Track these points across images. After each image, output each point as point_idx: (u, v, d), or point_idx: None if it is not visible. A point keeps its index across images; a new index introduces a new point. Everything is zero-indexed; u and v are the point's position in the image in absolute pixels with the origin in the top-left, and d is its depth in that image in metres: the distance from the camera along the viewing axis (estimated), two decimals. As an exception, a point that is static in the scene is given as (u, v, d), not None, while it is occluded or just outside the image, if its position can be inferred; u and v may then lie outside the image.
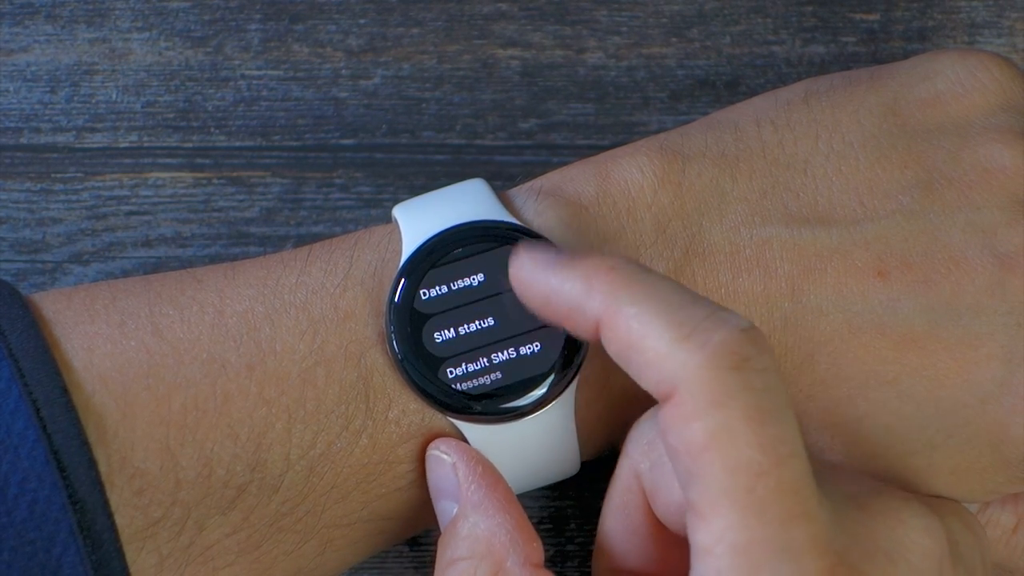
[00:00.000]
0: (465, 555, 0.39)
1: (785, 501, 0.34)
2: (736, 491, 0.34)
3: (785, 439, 0.35)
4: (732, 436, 0.34)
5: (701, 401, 0.35)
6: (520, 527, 0.39)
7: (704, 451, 0.34)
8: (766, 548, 0.34)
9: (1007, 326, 0.41)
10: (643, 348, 0.36)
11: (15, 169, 0.51)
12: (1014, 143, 0.42)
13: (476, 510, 0.39)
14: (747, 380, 0.35)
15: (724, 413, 0.34)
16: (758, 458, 0.34)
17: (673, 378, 0.35)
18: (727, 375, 0.35)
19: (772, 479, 0.34)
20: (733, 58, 0.52)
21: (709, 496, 0.34)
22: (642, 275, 0.37)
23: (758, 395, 0.35)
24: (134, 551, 0.38)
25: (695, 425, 0.35)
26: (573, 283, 0.37)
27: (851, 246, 0.41)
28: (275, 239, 0.50)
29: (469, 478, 0.40)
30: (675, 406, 0.35)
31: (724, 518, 0.34)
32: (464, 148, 0.51)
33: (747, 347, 0.35)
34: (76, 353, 0.39)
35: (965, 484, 0.42)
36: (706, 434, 0.34)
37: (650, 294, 0.36)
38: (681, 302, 0.36)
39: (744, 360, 0.35)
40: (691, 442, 0.35)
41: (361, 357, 0.40)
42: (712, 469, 0.34)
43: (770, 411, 0.35)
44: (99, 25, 0.52)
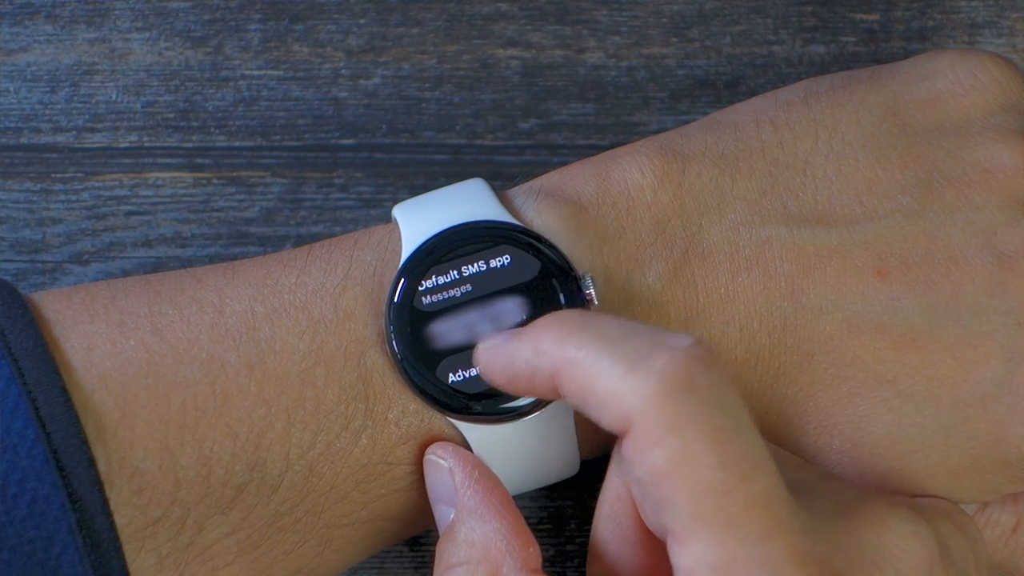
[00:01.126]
0: (462, 560, 0.39)
1: (757, 515, 0.34)
2: (706, 513, 0.34)
3: (746, 454, 0.35)
4: (692, 459, 0.34)
5: (657, 429, 0.35)
6: (516, 532, 0.39)
7: (667, 478, 0.34)
8: (745, 565, 0.34)
9: (1007, 325, 0.41)
10: (595, 389, 0.36)
11: (15, 169, 0.51)
12: (1014, 143, 0.42)
13: (472, 515, 0.39)
14: (699, 400, 0.35)
15: (681, 437, 0.34)
16: (720, 477, 0.34)
17: (626, 412, 0.35)
18: (677, 398, 0.35)
19: (740, 495, 0.34)
20: (733, 58, 0.52)
21: (682, 521, 0.34)
22: (585, 319, 0.37)
23: (711, 413, 0.35)
24: (133, 550, 0.38)
25: (655, 453, 0.35)
26: (524, 348, 0.38)
27: (851, 246, 0.41)
28: (275, 239, 0.50)
29: (465, 483, 0.40)
30: (633, 438, 0.35)
31: (700, 541, 0.34)
32: (464, 148, 0.51)
33: (691, 366, 0.35)
34: (75, 352, 0.39)
35: (964, 483, 0.42)
36: (667, 461, 0.34)
37: (594, 335, 0.36)
38: (623, 335, 0.36)
39: (690, 380, 0.35)
40: (654, 471, 0.35)
41: (361, 357, 0.40)
42: (679, 495, 0.34)
43: (726, 428, 0.35)
44: (99, 25, 0.52)
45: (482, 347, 0.39)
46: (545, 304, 0.41)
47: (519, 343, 0.38)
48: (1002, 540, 0.44)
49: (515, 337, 0.38)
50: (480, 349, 0.39)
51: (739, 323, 0.41)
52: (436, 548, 0.40)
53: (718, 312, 0.41)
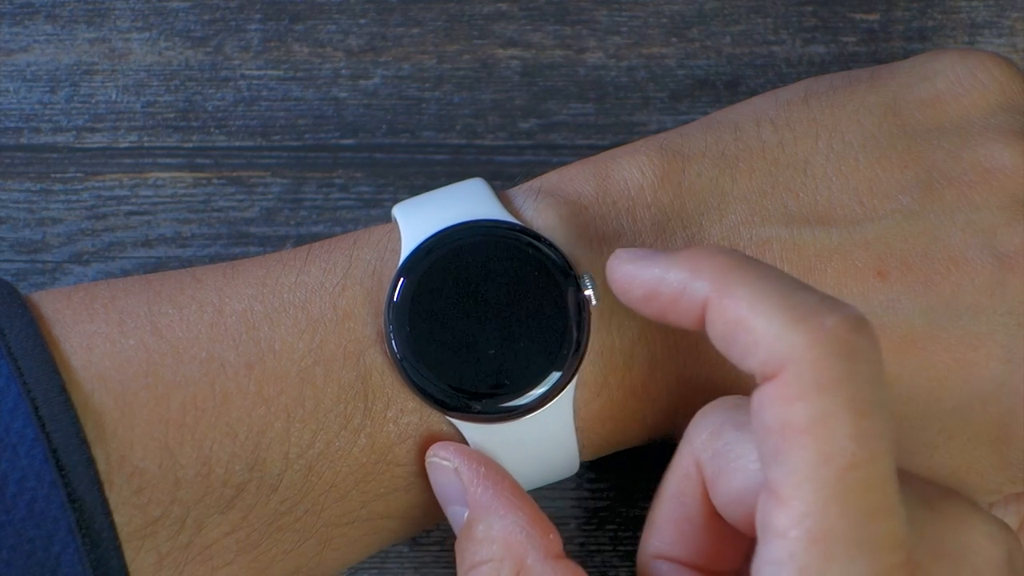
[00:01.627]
0: (485, 558, 0.39)
1: (871, 495, 0.34)
2: (825, 479, 0.34)
3: (882, 434, 0.34)
4: (832, 423, 0.34)
5: (807, 383, 0.34)
6: (534, 521, 0.39)
7: (800, 434, 0.34)
8: (843, 539, 0.34)
9: (1007, 326, 0.41)
10: (752, 328, 0.36)
11: (15, 169, 0.51)
12: (1014, 143, 0.42)
13: (487, 512, 0.39)
14: (854, 369, 0.35)
15: (828, 399, 0.34)
16: (852, 449, 0.34)
17: (781, 358, 0.35)
18: (836, 361, 0.34)
19: (862, 472, 0.34)
20: (733, 58, 0.52)
21: (794, 479, 0.34)
22: (749, 260, 0.37)
23: (863, 386, 0.35)
24: (133, 550, 0.38)
25: (797, 406, 0.34)
26: (678, 270, 0.37)
27: (851, 246, 0.41)
28: (275, 239, 0.50)
29: (474, 481, 0.39)
30: (779, 385, 0.35)
31: (806, 503, 0.34)
32: (464, 148, 0.51)
33: (859, 337, 0.35)
34: (75, 352, 0.39)
35: (966, 484, 0.42)
36: (807, 417, 0.34)
37: (760, 277, 0.36)
38: (793, 287, 0.36)
39: (855, 349, 0.35)
40: (789, 423, 0.34)
41: (360, 356, 0.40)
42: (804, 453, 0.34)
43: (872, 404, 0.34)
44: (99, 25, 0.52)
45: (625, 256, 0.39)
46: (545, 304, 0.41)
47: (672, 261, 0.38)
48: (1007, 541, 0.44)
49: (667, 255, 0.38)
50: (622, 258, 0.39)
51: (739, 323, 0.41)
52: (455, 548, 0.40)
53: (718, 312, 0.41)
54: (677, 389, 0.42)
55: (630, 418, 0.42)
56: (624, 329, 0.41)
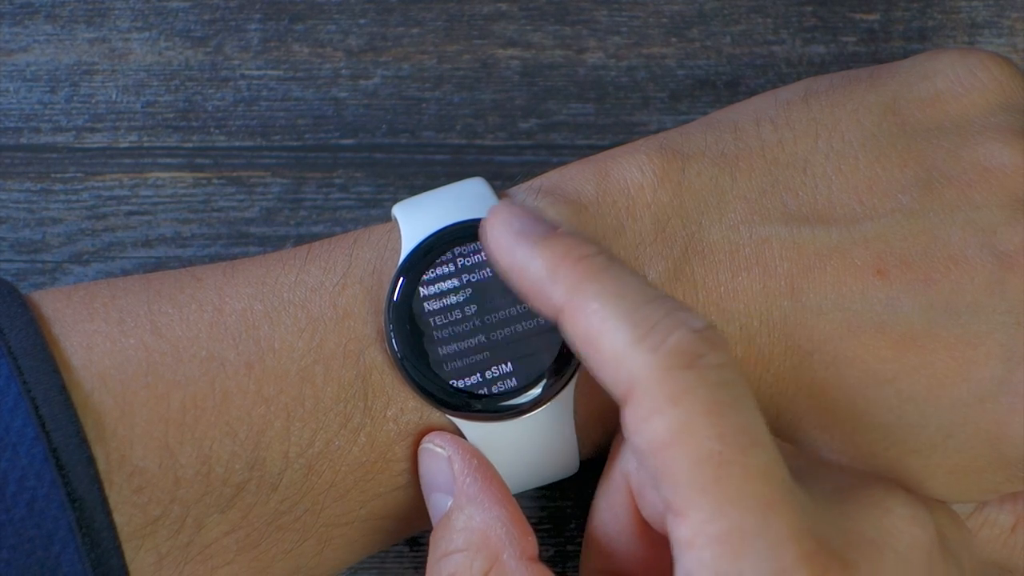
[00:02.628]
0: (460, 547, 0.39)
1: (755, 488, 0.34)
2: (705, 483, 0.34)
3: (746, 429, 0.35)
4: (692, 430, 0.35)
5: (658, 399, 0.35)
6: (516, 521, 0.39)
7: (667, 447, 0.35)
8: (743, 534, 0.34)
9: (1006, 325, 0.41)
10: (601, 347, 0.36)
11: (15, 169, 0.51)
12: (1014, 142, 0.42)
13: (472, 503, 0.39)
14: (702, 376, 0.35)
15: (682, 409, 0.35)
16: (719, 448, 0.34)
17: (631, 378, 0.35)
18: (680, 374, 0.35)
19: (737, 467, 0.34)
20: (733, 58, 0.52)
21: (680, 492, 0.35)
22: (608, 268, 0.37)
23: (714, 389, 0.35)
24: (133, 549, 0.38)
25: (655, 422, 0.35)
26: (539, 264, 0.37)
27: (850, 245, 0.41)
28: (275, 239, 0.50)
29: (465, 471, 0.40)
30: (634, 407, 0.35)
31: (699, 511, 0.34)
32: (464, 148, 0.51)
33: (700, 346, 0.35)
34: (75, 351, 0.39)
35: (964, 483, 0.42)
36: (667, 430, 0.35)
37: (613, 290, 0.36)
38: (642, 300, 0.36)
39: (696, 357, 0.35)
40: (653, 440, 0.35)
41: (360, 355, 0.40)
42: (678, 464, 0.35)
43: (727, 403, 0.35)
44: (99, 25, 0.52)
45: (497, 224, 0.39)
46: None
47: (535, 254, 0.38)
48: (1001, 539, 0.44)
49: (532, 243, 0.38)
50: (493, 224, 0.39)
51: (739, 322, 0.41)
52: (431, 538, 0.40)
53: (717, 311, 0.41)
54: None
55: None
56: (624, 328, 0.41)
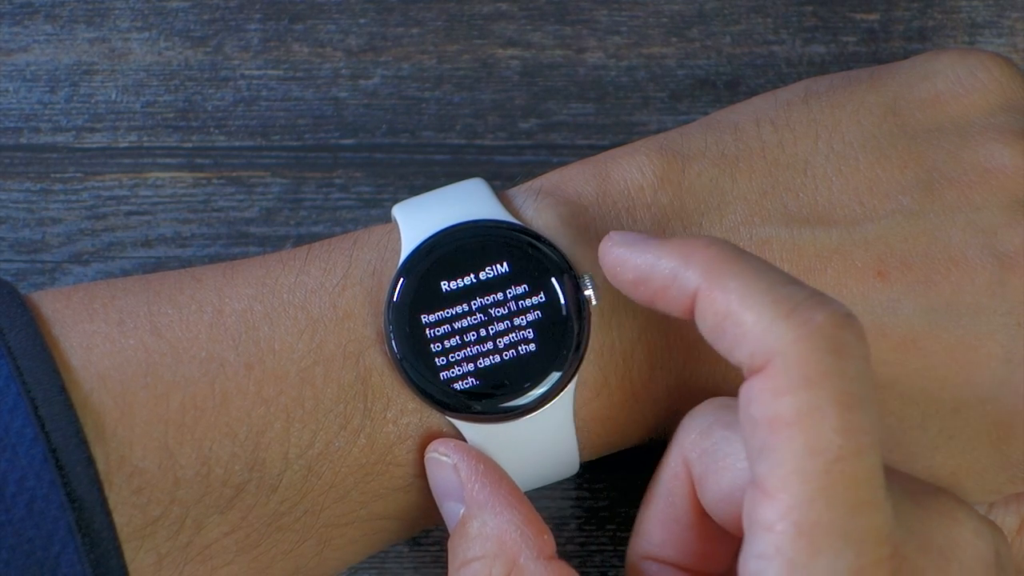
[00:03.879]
0: (478, 555, 0.39)
1: (856, 489, 0.34)
2: (811, 472, 0.34)
3: (868, 429, 0.35)
4: (819, 417, 0.34)
5: (794, 377, 0.35)
6: (529, 521, 0.39)
7: (787, 427, 0.34)
8: (829, 532, 0.34)
9: (1007, 326, 0.41)
10: (742, 320, 0.36)
11: (15, 169, 0.51)
12: (1014, 143, 0.42)
13: (483, 509, 0.39)
14: (842, 365, 0.35)
15: (815, 393, 0.34)
16: (839, 442, 0.34)
17: (769, 351, 0.35)
18: (824, 356, 0.35)
19: (848, 465, 0.34)
20: (733, 58, 0.52)
21: (780, 473, 0.34)
22: (741, 253, 0.37)
23: (850, 381, 0.35)
24: (132, 549, 0.38)
25: (785, 399, 0.35)
26: (670, 258, 0.38)
27: (851, 246, 0.41)
28: (275, 239, 0.50)
29: (472, 477, 0.40)
30: (767, 378, 0.35)
31: (792, 496, 0.34)
32: (464, 148, 0.51)
33: (847, 333, 0.35)
34: (75, 352, 0.39)
35: (966, 484, 0.42)
36: (794, 410, 0.34)
37: (750, 270, 0.36)
38: (783, 280, 0.36)
39: (842, 345, 0.35)
40: (776, 416, 0.35)
41: (360, 356, 0.40)
42: (791, 446, 0.34)
43: (858, 398, 0.35)
44: (99, 25, 0.52)
45: (618, 239, 0.39)
46: (544, 304, 0.41)
47: (664, 249, 0.38)
48: (1007, 541, 0.44)
49: (660, 242, 0.38)
50: (615, 241, 0.39)
51: (739, 323, 0.41)
52: (448, 546, 0.40)
53: (718, 312, 0.41)
54: (677, 389, 0.42)
55: (630, 418, 0.42)
56: (624, 329, 0.41)
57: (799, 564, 0.34)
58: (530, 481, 0.42)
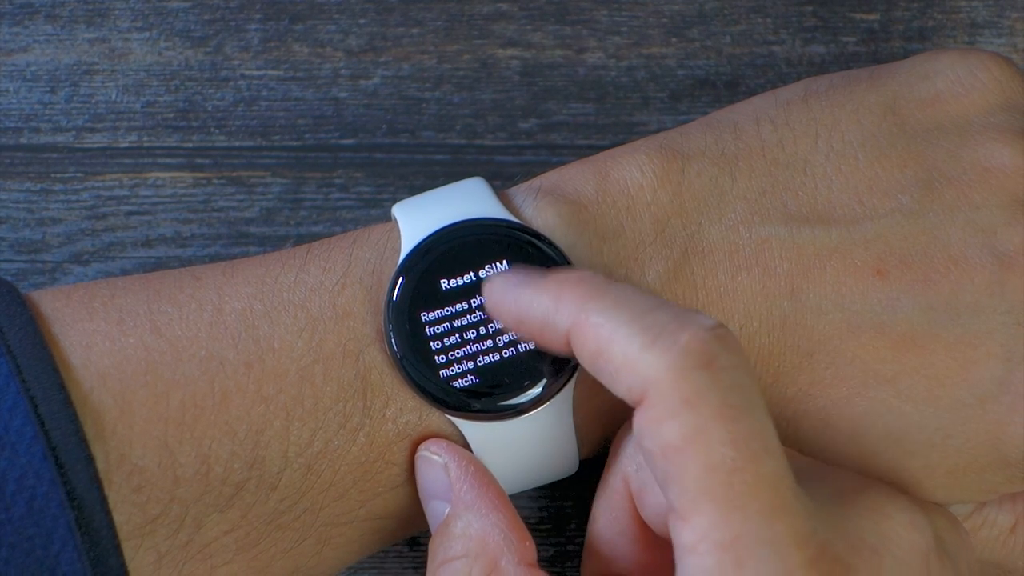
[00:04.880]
0: (459, 554, 0.39)
1: (763, 495, 0.34)
2: (714, 489, 0.34)
3: (757, 435, 0.35)
4: (705, 435, 0.35)
5: (672, 402, 0.35)
6: (513, 526, 0.39)
7: (679, 452, 0.35)
8: (749, 542, 0.34)
9: (1006, 325, 0.41)
10: (612, 355, 0.36)
11: (15, 169, 0.51)
12: (1014, 142, 0.42)
13: (469, 509, 0.39)
14: (715, 378, 0.35)
15: (695, 412, 0.35)
16: (732, 454, 0.34)
17: (643, 382, 0.35)
18: (695, 374, 0.35)
19: (748, 474, 0.34)
20: (733, 58, 0.52)
21: (688, 496, 0.35)
22: (608, 285, 0.37)
23: (727, 392, 0.35)
24: (132, 548, 0.38)
25: (668, 426, 0.35)
26: (542, 299, 0.38)
27: (850, 245, 0.41)
28: (275, 239, 0.50)
29: (461, 478, 0.40)
30: (646, 409, 0.35)
31: (705, 516, 0.34)
32: (464, 148, 0.51)
33: (713, 345, 0.35)
34: (74, 350, 0.39)
35: (963, 483, 0.42)
36: (679, 435, 0.35)
37: (617, 302, 0.37)
38: (647, 307, 0.36)
39: (711, 359, 0.35)
40: (665, 444, 0.35)
41: (359, 355, 0.40)
42: (688, 469, 0.35)
43: (740, 408, 0.35)
44: (99, 25, 0.52)
45: (497, 283, 0.39)
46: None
47: (537, 292, 0.38)
48: (1000, 540, 0.44)
49: (533, 284, 0.38)
50: (493, 285, 0.39)
51: (738, 322, 0.41)
52: (429, 545, 0.40)
53: (717, 311, 0.41)
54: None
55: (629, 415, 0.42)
56: (623, 328, 0.41)
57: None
58: (530, 479, 0.42)
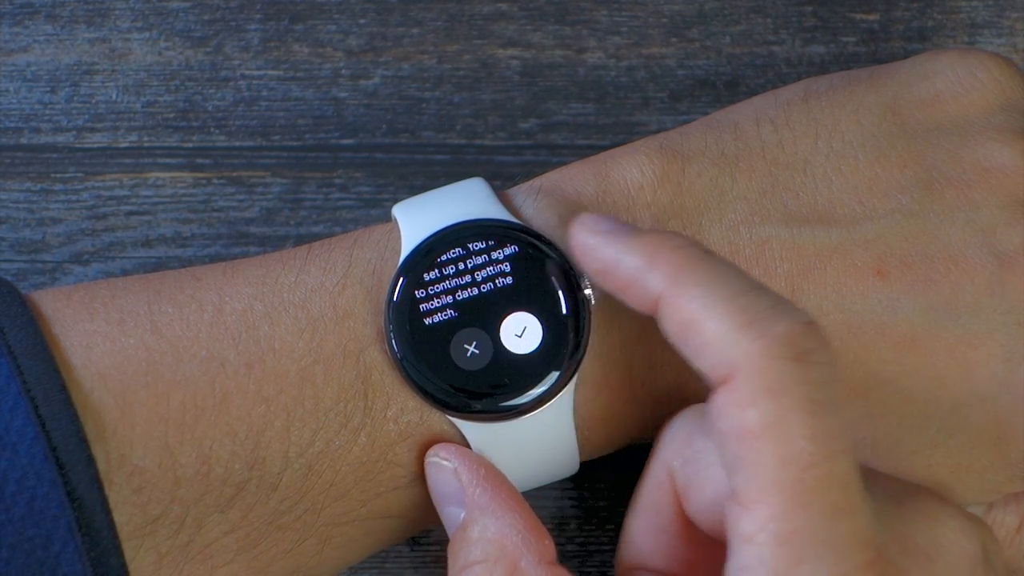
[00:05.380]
0: (479, 559, 0.39)
1: (832, 494, 0.34)
2: (785, 481, 0.34)
3: (837, 433, 0.35)
4: (786, 426, 0.34)
5: (757, 388, 0.35)
6: (530, 526, 0.39)
7: (756, 439, 0.35)
8: (810, 539, 0.34)
9: (1007, 325, 0.41)
10: (703, 330, 0.36)
11: (15, 169, 0.51)
12: (1013, 142, 0.42)
13: (484, 513, 0.39)
14: (805, 372, 0.35)
15: (779, 402, 0.35)
16: (810, 449, 0.34)
17: (731, 363, 0.35)
18: (785, 365, 0.35)
19: (822, 471, 0.34)
20: (733, 58, 0.52)
21: (756, 484, 0.34)
22: (706, 257, 0.37)
23: (814, 387, 0.35)
24: (132, 548, 0.38)
25: (749, 412, 0.35)
26: (634, 256, 0.38)
27: (850, 245, 0.41)
28: (275, 239, 0.50)
29: (473, 482, 0.40)
30: (730, 391, 0.35)
31: (770, 507, 0.34)
32: (464, 148, 0.51)
33: (808, 340, 0.35)
34: (75, 351, 0.39)
35: (965, 483, 0.42)
36: (760, 422, 0.35)
37: (714, 277, 0.36)
38: (745, 288, 0.36)
39: (804, 352, 0.35)
40: (744, 428, 0.35)
41: (360, 355, 0.40)
42: (762, 457, 0.34)
43: (825, 404, 0.35)
44: (99, 25, 0.52)
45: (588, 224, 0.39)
46: (544, 303, 0.41)
47: (632, 245, 0.38)
48: (1006, 540, 0.44)
49: (625, 239, 0.38)
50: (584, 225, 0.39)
51: (739, 322, 0.41)
52: (448, 550, 0.40)
53: (718, 311, 0.41)
54: (678, 388, 0.42)
55: (630, 417, 0.42)
56: (624, 329, 0.41)
57: (782, 573, 0.34)
58: (530, 480, 0.42)
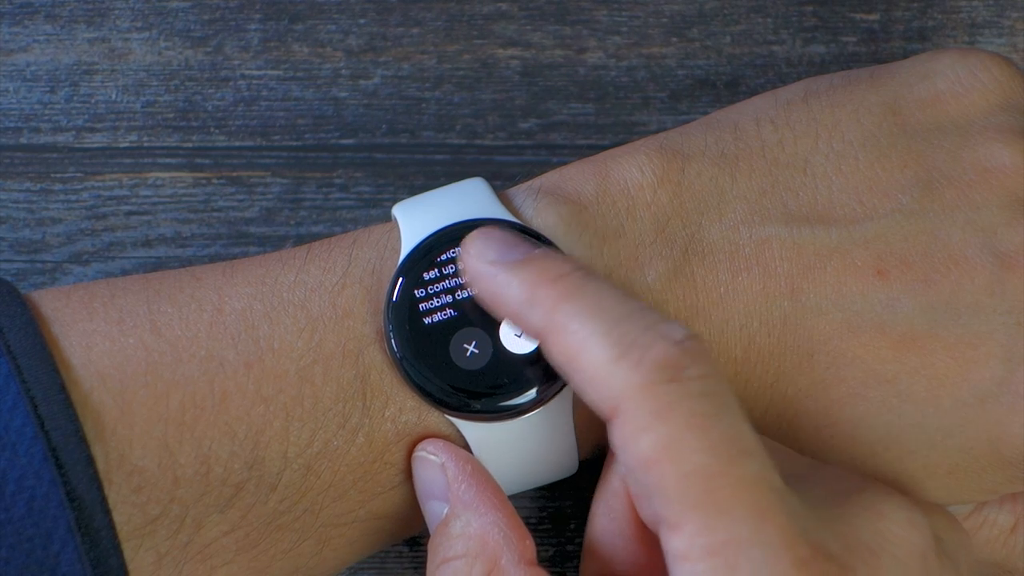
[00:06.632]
0: (459, 553, 0.39)
1: (746, 497, 0.34)
2: (695, 496, 0.34)
3: (732, 439, 0.35)
4: (679, 445, 0.35)
5: (645, 416, 0.35)
6: (512, 525, 0.39)
7: (657, 463, 0.35)
8: (737, 545, 0.34)
9: (1006, 325, 0.41)
10: (583, 366, 0.36)
11: (15, 169, 0.51)
12: (1014, 142, 0.42)
13: (468, 509, 0.39)
14: (685, 389, 0.35)
15: (668, 424, 0.35)
16: (707, 460, 0.35)
17: (614, 396, 0.36)
18: (665, 388, 0.35)
19: (728, 478, 0.35)
20: (733, 58, 0.52)
21: (671, 506, 0.35)
22: (584, 285, 0.37)
23: (698, 401, 0.35)
24: (132, 548, 0.38)
25: (643, 440, 0.35)
26: (516, 290, 0.38)
27: (850, 245, 0.41)
28: (275, 239, 0.50)
29: (459, 477, 0.40)
30: (622, 424, 0.36)
31: (692, 524, 0.34)
32: (464, 148, 0.51)
33: (681, 358, 0.36)
34: (74, 350, 0.39)
35: (963, 483, 0.42)
36: (654, 447, 0.35)
37: (591, 307, 0.37)
38: (621, 316, 0.37)
39: (678, 370, 0.35)
40: (643, 457, 0.35)
41: (359, 355, 0.40)
42: (667, 480, 0.35)
43: (712, 415, 0.35)
44: (99, 25, 0.52)
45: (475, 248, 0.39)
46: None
47: (512, 280, 0.38)
48: (1000, 540, 0.44)
49: (509, 269, 0.38)
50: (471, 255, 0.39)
51: (739, 322, 0.41)
52: (428, 545, 0.40)
53: (718, 311, 0.41)
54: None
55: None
56: (623, 328, 0.41)
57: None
58: (529, 480, 0.42)
